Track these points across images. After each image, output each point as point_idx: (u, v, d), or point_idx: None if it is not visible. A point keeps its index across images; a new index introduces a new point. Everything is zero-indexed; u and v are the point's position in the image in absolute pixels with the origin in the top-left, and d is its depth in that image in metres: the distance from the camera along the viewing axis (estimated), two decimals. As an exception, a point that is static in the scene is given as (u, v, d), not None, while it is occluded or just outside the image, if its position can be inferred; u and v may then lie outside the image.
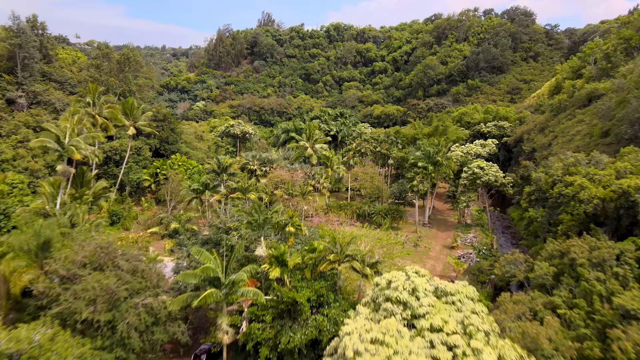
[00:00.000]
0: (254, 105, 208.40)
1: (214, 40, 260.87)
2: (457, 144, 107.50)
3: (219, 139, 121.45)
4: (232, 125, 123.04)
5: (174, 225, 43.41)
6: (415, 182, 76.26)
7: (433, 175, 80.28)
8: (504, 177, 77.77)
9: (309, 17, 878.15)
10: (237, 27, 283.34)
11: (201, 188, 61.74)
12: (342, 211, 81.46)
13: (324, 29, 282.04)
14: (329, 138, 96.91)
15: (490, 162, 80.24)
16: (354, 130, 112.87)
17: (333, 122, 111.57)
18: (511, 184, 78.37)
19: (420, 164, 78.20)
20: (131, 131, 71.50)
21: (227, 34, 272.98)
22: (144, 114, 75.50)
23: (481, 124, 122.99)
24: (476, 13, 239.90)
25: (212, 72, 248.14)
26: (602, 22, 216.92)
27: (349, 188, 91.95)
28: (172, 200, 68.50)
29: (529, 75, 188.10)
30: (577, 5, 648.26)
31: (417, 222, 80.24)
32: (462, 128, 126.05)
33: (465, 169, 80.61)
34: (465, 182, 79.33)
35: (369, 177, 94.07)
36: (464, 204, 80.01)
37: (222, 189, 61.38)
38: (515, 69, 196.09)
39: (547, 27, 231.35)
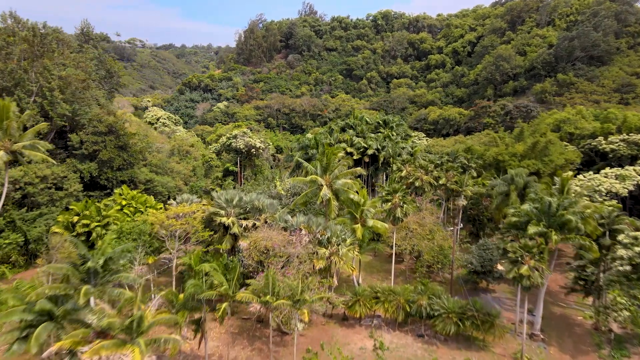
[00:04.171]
0: (284, 106, 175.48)
1: (244, 33, 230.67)
2: (569, 173, 67.64)
3: (214, 155, 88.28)
4: (235, 137, 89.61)
5: None
6: (523, 271, 38.27)
7: (552, 247, 42.22)
8: None
9: (356, 14, 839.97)
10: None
11: (33, 319, 26.96)
12: (379, 305, 45.23)
13: (371, 17, 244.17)
14: (362, 170, 59.11)
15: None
16: (403, 148, 75.00)
17: (372, 135, 74.90)
18: None
19: (532, 229, 40.16)
20: (0, 158, 39.63)
21: (260, 25, 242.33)
22: (33, 128, 43.21)
23: (599, 137, 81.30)
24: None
25: (241, 68, 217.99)
26: None
27: (394, 244, 55.34)
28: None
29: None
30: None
31: (520, 328, 42.33)
32: (564, 143, 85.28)
33: (623, 238, 41.57)
34: (623, 265, 40.49)
35: (428, 230, 57.01)
36: (621, 308, 40.82)
37: (91, 321, 25.51)
38: (620, 59, 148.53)
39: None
